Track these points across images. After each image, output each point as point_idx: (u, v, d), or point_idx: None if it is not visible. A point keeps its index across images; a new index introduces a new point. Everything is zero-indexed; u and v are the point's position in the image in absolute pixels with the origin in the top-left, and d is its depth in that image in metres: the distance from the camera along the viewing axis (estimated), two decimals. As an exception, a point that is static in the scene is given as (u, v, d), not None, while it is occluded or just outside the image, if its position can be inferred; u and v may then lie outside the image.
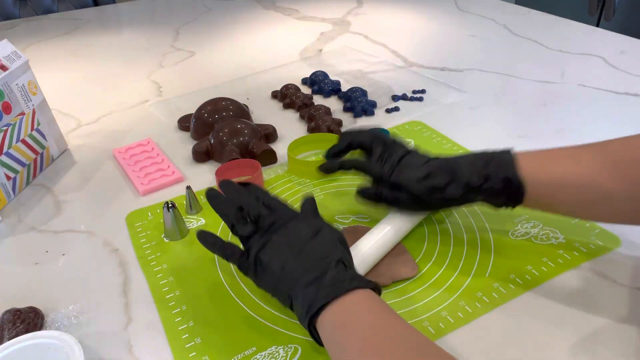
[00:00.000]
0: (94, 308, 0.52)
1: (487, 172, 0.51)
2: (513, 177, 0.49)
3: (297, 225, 0.47)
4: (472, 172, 0.51)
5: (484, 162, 0.51)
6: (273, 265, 0.45)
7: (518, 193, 0.50)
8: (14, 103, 0.69)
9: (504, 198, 0.51)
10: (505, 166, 0.50)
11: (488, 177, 0.50)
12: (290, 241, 0.46)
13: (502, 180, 0.50)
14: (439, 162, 0.54)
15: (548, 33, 1.17)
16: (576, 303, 0.49)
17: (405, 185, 0.54)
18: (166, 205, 0.58)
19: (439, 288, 0.51)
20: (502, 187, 0.50)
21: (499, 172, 0.50)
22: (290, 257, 0.44)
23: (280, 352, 0.46)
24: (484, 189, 0.51)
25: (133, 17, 1.50)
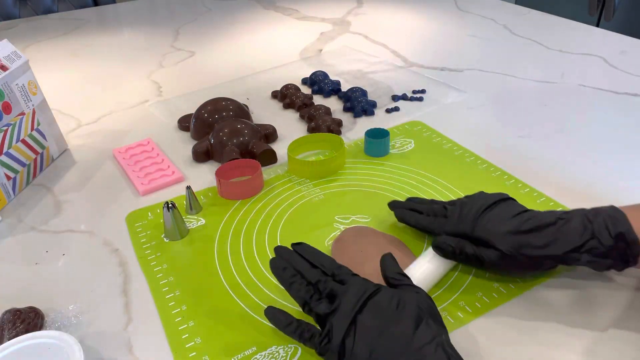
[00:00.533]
0: (94, 308, 0.52)
1: (593, 227, 0.45)
2: (627, 233, 0.43)
3: (380, 300, 0.42)
4: (575, 227, 0.45)
5: (589, 216, 0.46)
6: (360, 352, 0.39)
7: (631, 251, 0.44)
8: (14, 103, 0.69)
9: (614, 258, 0.45)
10: (615, 221, 0.44)
11: (594, 234, 0.45)
12: (376, 322, 0.41)
13: (613, 237, 0.44)
14: (534, 213, 0.48)
15: (548, 33, 1.17)
16: (576, 303, 0.49)
17: (491, 239, 0.47)
18: (166, 205, 0.58)
19: (439, 288, 0.51)
20: (612, 244, 0.44)
21: (608, 227, 0.44)
22: (378, 341, 0.39)
23: (280, 352, 0.46)
24: (590, 247, 0.45)
25: (133, 17, 1.50)
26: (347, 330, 0.41)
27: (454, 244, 0.49)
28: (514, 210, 0.49)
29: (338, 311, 0.42)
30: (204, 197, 0.67)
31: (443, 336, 0.40)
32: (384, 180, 0.68)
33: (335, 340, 0.41)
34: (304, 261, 0.47)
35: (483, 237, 0.48)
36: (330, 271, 0.46)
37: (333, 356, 0.41)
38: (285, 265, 0.47)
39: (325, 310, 0.43)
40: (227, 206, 0.65)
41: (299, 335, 0.43)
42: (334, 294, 0.43)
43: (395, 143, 0.77)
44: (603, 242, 0.44)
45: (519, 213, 0.49)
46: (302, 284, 0.45)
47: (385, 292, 0.43)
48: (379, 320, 0.41)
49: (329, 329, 0.41)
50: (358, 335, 0.40)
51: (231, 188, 0.66)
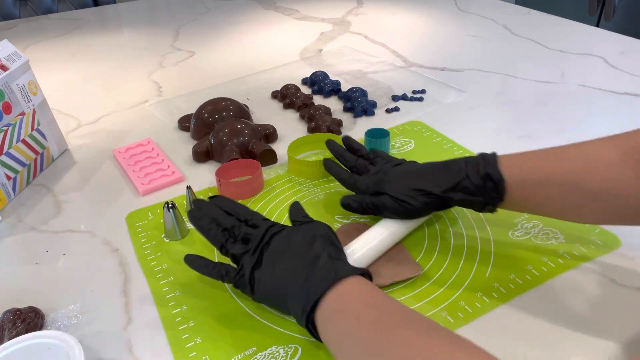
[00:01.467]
0: (94, 308, 0.52)
1: (466, 169, 0.50)
2: (493, 172, 0.48)
3: (283, 235, 0.48)
4: (450, 171, 0.51)
5: (464, 161, 0.51)
6: (265, 279, 0.46)
7: (497, 191, 0.48)
8: (14, 103, 0.69)
9: (484, 196, 0.49)
10: (485, 163, 0.49)
11: (467, 174, 0.50)
12: (277, 252, 0.47)
13: (480, 177, 0.49)
14: (419, 165, 0.55)
15: (548, 33, 1.17)
16: (576, 303, 0.49)
17: (385, 190, 0.54)
18: (166, 205, 0.58)
19: (439, 288, 0.51)
20: (480, 184, 0.49)
21: (479, 169, 0.49)
22: (278, 266, 0.46)
23: (280, 352, 0.46)
24: (462, 186, 0.50)
25: (133, 17, 1.50)
26: (254, 264, 0.47)
27: (358, 199, 0.57)
28: (412, 167, 0.55)
29: (250, 249, 0.48)
30: (204, 197, 0.67)
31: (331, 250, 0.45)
32: (384, 180, 0.68)
33: (246, 273, 0.47)
34: (220, 210, 0.52)
35: (381, 190, 0.54)
36: (244, 217, 0.51)
37: (246, 287, 0.47)
38: (202, 215, 0.52)
39: (239, 250, 0.48)
40: (227, 206, 0.65)
41: (217, 274, 0.49)
42: (248, 237, 0.49)
43: (395, 143, 0.77)
44: (473, 181, 0.49)
45: (412, 165, 0.55)
46: (218, 229, 0.50)
47: (289, 229, 0.49)
48: (280, 247, 0.47)
49: (242, 265, 0.48)
50: (263, 264, 0.46)
51: (231, 188, 0.66)
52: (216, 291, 0.53)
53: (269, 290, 0.46)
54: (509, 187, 0.48)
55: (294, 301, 0.44)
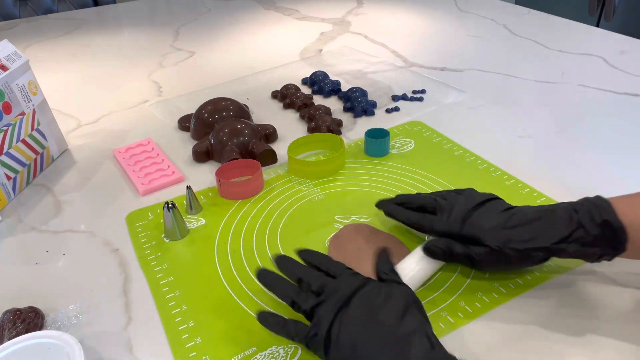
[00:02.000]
0: (94, 308, 0.52)
1: (579, 217, 0.45)
2: (613, 220, 0.44)
3: (368, 293, 0.42)
4: (559, 218, 0.46)
5: (573, 208, 0.46)
6: (345, 341, 0.39)
7: (618, 239, 0.44)
8: (14, 103, 0.69)
9: (602, 246, 0.45)
10: (600, 209, 0.44)
11: (581, 224, 0.45)
12: (361, 312, 0.41)
13: (598, 225, 0.44)
14: (520, 208, 0.49)
15: (548, 33, 1.17)
16: (576, 303, 0.49)
17: (479, 236, 0.47)
18: (166, 205, 0.58)
19: (439, 288, 0.51)
20: (599, 233, 0.44)
21: (594, 216, 0.44)
22: (363, 331, 0.39)
23: (280, 352, 0.46)
24: (577, 237, 0.45)
25: (133, 17, 1.50)
26: (332, 321, 0.41)
27: (443, 246, 0.49)
28: (500, 208, 0.49)
29: (325, 302, 0.42)
30: (204, 197, 0.67)
31: (427, 327, 0.40)
32: (384, 180, 0.68)
33: (322, 330, 0.41)
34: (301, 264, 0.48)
35: (471, 235, 0.48)
36: (326, 268, 0.46)
37: (319, 347, 0.41)
38: (269, 272, 0.48)
39: (311, 303, 0.43)
40: (227, 206, 0.65)
41: (286, 333, 0.43)
42: (323, 289, 0.43)
43: (395, 143, 0.77)
44: (589, 230, 0.44)
45: (505, 209, 0.49)
46: (287, 282, 0.46)
47: (373, 285, 0.43)
48: (364, 310, 0.41)
49: (316, 321, 0.42)
50: (343, 324, 0.40)
51: (231, 188, 0.66)
52: (216, 291, 0.53)
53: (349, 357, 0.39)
54: (630, 235, 0.44)
55: None
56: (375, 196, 0.65)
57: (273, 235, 0.60)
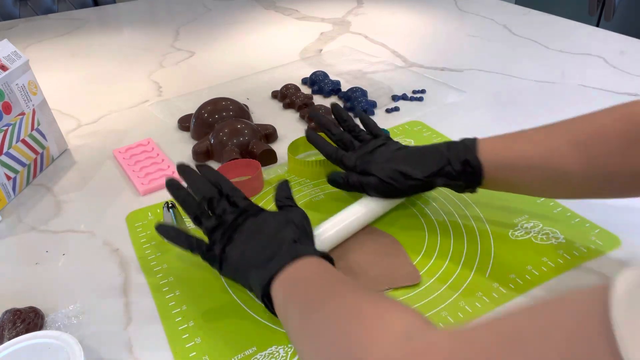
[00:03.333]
0: (94, 308, 0.52)
1: (448, 155, 0.53)
2: (472, 159, 0.52)
3: (258, 218, 0.50)
4: (433, 156, 0.54)
5: (446, 147, 0.54)
6: (234, 256, 0.47)
7: (476, 175, 0.52)
8: (14, 103, 0.69)
9: (464, 180, 0.53)
10: (465, 150, 0.53)
11: (448, 161, 0.53)
12: (250, 233, 0.48)
13: (461, 163, 0.52)
14: (405, 149, 0.57)
15: (548, 33, 1.17)
16: (576, 303, 0.49)
17: (371, 170, 0.56)
18: (166, 205, 0.58)
19: (439, 288, 0.51)
20: (461, 169, 0.53)
21: (459, 155, 0.53)
22: (247, 244, 0.47)
23: (280, 352, 0.46)
24: (445, 171, 0.53)
25: (133, 17, 1.50)
26: (226, 243, 0.48)
27: (343, 176, 0.59)
28: (394, 147, 0.58)
29: (221, 226, 0.49)
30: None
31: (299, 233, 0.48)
32: (384, 180, 0.68)
33: (216, 250, 0.48)
34: (203, 179, 0.53)
35: (365, 168, 0.57)
36: (226, 192, 0.52)
37: (215, 262, 0.48)
38: (180, 186, 0.53)
39: (212, 224, 0.50)
40: (227, 206, 0.65)
41: (187, 244, 0.50)
42: (224, 214, 0.50)
43: (395, 143, 0.77)
44: (454, 167, 0.53)
45: (398, 149, 0.58)
46: (195, 200, 0.52)
47: (265, 213, 0.50)
48: (252, 229, 0.48)
49: (214, 240, 0.49)
50: (234, 242, 0.48)
51: (231, 188, 0.66)
52: (216, 291, 0.53)
53: (235, 267, 0.47)
54: (485, 171, 0.52)
55: (254, 276, 0.45)
56: (375, 196, 0.65)
57: (273, 235, 0.60)
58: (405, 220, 0.61)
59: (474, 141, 0.53)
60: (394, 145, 0.59)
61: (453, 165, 0.53)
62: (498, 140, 0.53)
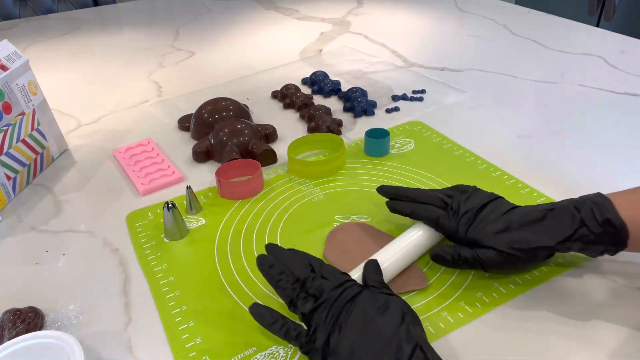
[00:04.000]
0: (94, 308, 0.52)
1: (581, 216, 0.46)
2: (614, 218, 0.45)
3: (364, 302, 0.43)
4: (562, 217, 0.47)
5: (574, 206, 0.47)
6: (342, 349, 0.40)
7: (620, 236, 0.45)
8: (14, 103, 0.69)
9: (604, 243, 0.46)
10: (602, 207, 0.46)
11: (582, 221, 0.46)
12: (358, 320, 0.41)
13: (600, 224, 0.46)
14: (523, 209, 0.50)
15: (548, 33, 1.17)
16: (576, 303, 0.49)
17: (482, 240, 0.49)
18: (166, 205, 0.58)
19: (439, 288, 0.51)
20: (601, 231, 0.46)
21: (596, 214, 0.46)
22: (360, 339, 0.40)
23: (280, 352, 0.46)
24: (580, 235, 0.46)
25: (133, 17, 1.50)
26: (331, 329, 0.41)
27: (452, 252, 0.50)
28: (504, 208, 0.50)
29: (323, 307, 0.43)
30: (204, 197, 0.67)
31: (421, 337, 0.41)
32: (384, 180, 0.68)
33: (320, 339, 0.41)
34: (294, 258, 0.48)
35: (478, 239, 0.49)
36: (319, 270, 0.47)
37: (317, 355, 0.42)
38: (273, 263, 0.48)
39: (309, 307, 0.43)
40: (227, 206, 0.65)
41: (284, 334, 0.44)
42: (320, 292, 0.44)
43: (395, 143, 0.77)
44: (592, 229, 0.46)
45: (508, 210, 0.50)
46: (289, 282, 0.46)
47: (371, 293, 0.44)
48: (362, 319, 0.41)
49: (315, 328, 0.42)
50: (342, 332, 0.41)
51: (231, 188, 0.66)
52: (216, 291, 0.53)
53: None
54: (631, 230, 0.45)
55: None
56: (375, 196, 0.65)
57: (273, 236, 0.60)
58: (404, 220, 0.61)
59: (605, 197, 0.47)
60: (502, 203, 0.51)
61: (590, 227, 0.46)
62: (634, 194, 0.47)
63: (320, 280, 0.45)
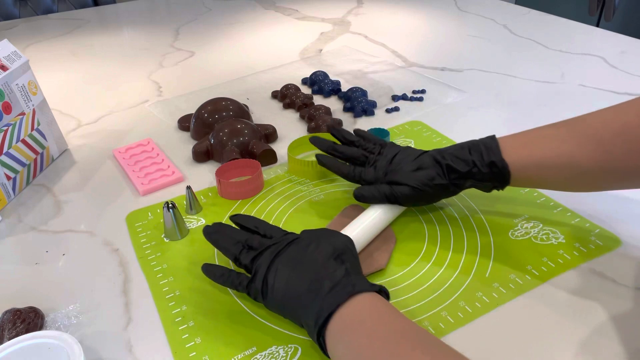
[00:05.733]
0: (94, 308, 0.52)
1: (472, 158, 0.54)
2: (498, 161, 0.53)
3: (300, 242, 0.48)
4: (458, 160, 0.55)
5: (469, 149, 0.55)
6: (277, 283, 0.45)
7: (504, 175, 0.53)
8: (14, 103, 0.69)
9: (492, 181, 0.54)
10: (489, 151, 0.54)
11: (474, 163, 0.54)
12: (292, 259, 0.46)
13: (487, 165, 0.53)
14: (428, 154, 0.57)
15: (548, 33, 1.17)
16: (576, 303, 0.49)
17: (400, 180, 0.56)
18: (166, 205, 0.58)
19: (439, 288, 0.51)
20: (488, 171, 0.53)
21: (484, 157, 0.53)
22: (293, 273, 0.45)
23: (280, 352, 0.46)
24: (472, 174, 0.54)
25: (133, 17, 1.50)
26: (268, 268, 0.46)
27: (373, 190, 0.58)
28: (414, 155, 0.58)
29: (262, 253, 0.48)
30: (204, 197, 0.67)
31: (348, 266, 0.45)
32: (384, 180, 0.68)
33: (259, 277, 0.46)
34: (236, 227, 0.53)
35: (394, 180, 0.57)
36: (263, 231, 0.51)
37: (257, 292, 0.46)
38: (218, 229, 0.52)
39: (251, 256, 0.48)
40: (227, 206, 0.65)
41: (230, 282, 0.49)
42: (262, 245, 0.49)
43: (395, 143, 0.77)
44: (480, 169, 0.53)
45: (418, 156, 0.57)
46: (231, 242, 0.50)
47: (305, 236, 0.49)
48: (295, 256, 0.46)
49: (255, 271, 0.47)
50: (278, 270, 0.46)
51: (231, 188, 0.66)
52: (216, 291, 0.53)
53: (282, 298, 0.45)
54: (512, 171, 0.53)
55: (306, 312, 0.43)
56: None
57: (273, 235, 0.60)
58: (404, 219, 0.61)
59: (495, 141, 0.54)
60: (413, 151, 0.59)
61: (480, 168, 0.53)
62: (520, 139, 0.54)
63: (260, 237, 0.50)
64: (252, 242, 0.49)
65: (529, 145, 0.53)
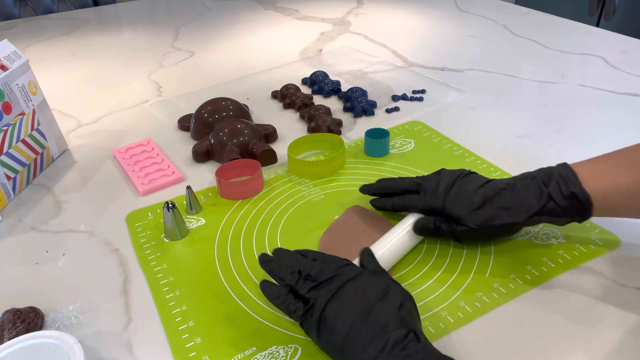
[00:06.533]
0: (94, 308, 0.52)
1: (549, 191, 0.49)
2: (579, 192, 0.48)
3: (364, 283, 0.43)
4: (533, 192, 0.49)
5: (542, 181, 0.50)
6: (339, 325, 0.41)
7: (585, 207, 0.48)
8: (14, 103, 0.69)
9: (571, 215, 0.49)
10: (567, 181, 0.48)
11: (550, 196, 0.49)
12: (357, 300, 0.42)
13: (566, 197, 0.48)
14: (492, 187, 0.52)
15: (548, 33, 1.17)
16: (576, 303, 0.49)
17: (460, 217, 0.51)
18: (166, 205, 0.58)
19: (439, 288, 0.51)
20: (568, 204, 0.48)
21: (562, 189, 0.48)
22: (358, 319, 0.41)
23: (280, 352, 0.46)
24: (548, 209, 0.49)
25: (133, 17, 1.50)
26: (327, 302, 0.42)
27: (431, 224, 0.54)
28: (476, 184, 0.53)
29: (321, 285, 0.44)
30: (204, 197, 0.67)
31: (419, 325, 0.42)
32: (384, 180, 0.68)
33: (316, 311, 0.42)
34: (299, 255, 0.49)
35: (453, 215, 0.52)
36: (320, 260, 0.47)
37: (313, 326, 0.42)
38: (273, 258, 0.49)
39: (308, 286, 0.44)
40: (227, 206, 0.65)
41: (285, 307, 0.45)
42: (321, 274, 0.45)
43: (395, 143, 0.77)
44: (559, 203, 0.48)
45: (480, 186, 0.52)
46: (287, 272, 0.47)
47: (370, 276, 0.45)
48: (360, 300, 0.42)
49: (312, 302, 0.43)
50: (338, 309, 0.41)
51: (231, 188, 0.66)
52: (216, 291, 0.53)
53: (339, 342, 0.41)
54: (595, 202, 0.48)
55: None
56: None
57: (273, 235, 0.60)
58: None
59: (570, 170, 0.49)
60: (475, 178, 0.53)
61: (557, 201, 0.48)
62: (597, 165, 0.50)
63: (320, 266, 0.46)
64: (311, 269, 0.45)
65: (609, 174, 0.48)
